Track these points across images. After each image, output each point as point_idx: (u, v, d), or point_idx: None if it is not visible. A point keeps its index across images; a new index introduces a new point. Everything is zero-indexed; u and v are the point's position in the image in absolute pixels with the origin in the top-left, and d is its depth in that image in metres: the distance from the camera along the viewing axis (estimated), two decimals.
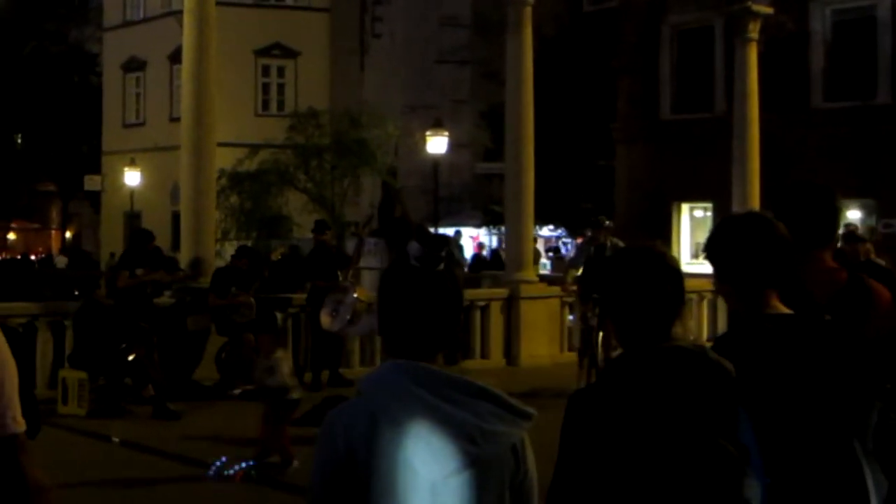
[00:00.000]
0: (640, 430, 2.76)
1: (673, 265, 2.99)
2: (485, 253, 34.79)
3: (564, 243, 36.45)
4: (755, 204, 18.60)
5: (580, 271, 13.96)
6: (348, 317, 13.95)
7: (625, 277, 2.97)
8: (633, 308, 2.92)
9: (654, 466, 2.74)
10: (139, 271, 13.13)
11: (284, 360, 9.53)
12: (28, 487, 3.04)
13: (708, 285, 13.88)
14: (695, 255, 27.18)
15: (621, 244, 14.79)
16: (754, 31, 19.98)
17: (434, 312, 2.69)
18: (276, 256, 24.12)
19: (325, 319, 13.96)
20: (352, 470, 2.57)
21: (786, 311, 3.33)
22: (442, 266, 2.72)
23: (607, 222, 14.22)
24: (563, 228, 33.95)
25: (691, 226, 30.00)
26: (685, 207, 30.24)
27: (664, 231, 28.07)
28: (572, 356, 14.71)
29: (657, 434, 2.75)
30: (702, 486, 2.73)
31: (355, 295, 14.00)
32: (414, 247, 2.73)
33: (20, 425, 3.04)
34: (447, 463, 2.53)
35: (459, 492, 2.56)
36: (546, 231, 35.65)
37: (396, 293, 2.72)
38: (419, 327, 2.68)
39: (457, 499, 2.56)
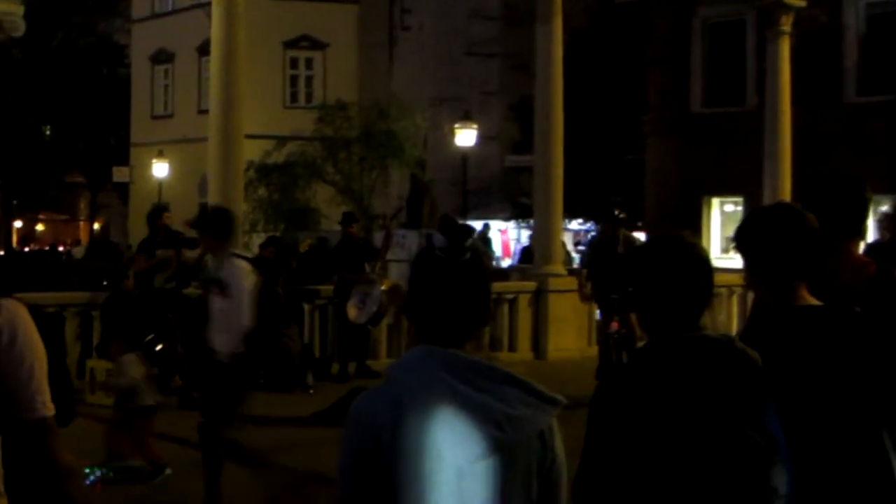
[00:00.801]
0: (667, 418, 2.75)
1: (703, 255, 2.98)
2: None
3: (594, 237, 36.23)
4: (786, 199, 18.45)
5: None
6: (375, 309, 14.00)
7: (655, 267, 2.96)
8: (662, 297, 2.91)
9: (681, 454, 2.73)
10: (159, 252, 13.14)
11: (134, 364, 9.20)
12: (58, 470, 3.09)
13: (738, 280, 13.75)
14: (725, 250, 27.00)
15: (634, 237, 14.69)
16: (787, 24, 19.82)
17: (461, 300, 2.70)
18: (304, 248, 24.16)
19: (351, 311, 14.01)
20: (378, 456, 2.57)
21: (815, 302, 3.31)
22: (468, 256, 2.73)
23: (619, 213, 14.02)
24: (591, 222, 33.80)
25: (722, 220, 29.79)
26: (715, 202, 30.03)
27: (694, 225, 27.87)
28: None
29: (683, 422, 2.74)
30: (728, 475, 2.73)
31: (382, 287, 14.05)
32: (438, 237, 2.74)
33: (49, 409, 3.11)
34: (473, 448, 2.54)
35: (485, 477, 2.56)
36: (575, 224, 35.53)
37: (424, 280, 2.73)
38: (446, 314, 2.69)
39: (482, 484, 2.56)
